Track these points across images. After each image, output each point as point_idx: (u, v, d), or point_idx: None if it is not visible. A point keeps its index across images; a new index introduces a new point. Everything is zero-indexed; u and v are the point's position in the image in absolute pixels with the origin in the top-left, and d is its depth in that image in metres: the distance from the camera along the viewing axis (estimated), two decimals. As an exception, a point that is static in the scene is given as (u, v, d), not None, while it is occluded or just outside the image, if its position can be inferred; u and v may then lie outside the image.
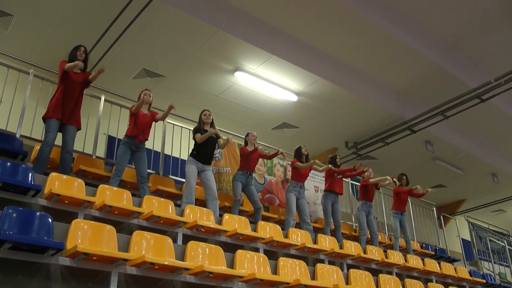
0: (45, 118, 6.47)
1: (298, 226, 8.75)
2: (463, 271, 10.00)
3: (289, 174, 9.86)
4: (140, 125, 7.01)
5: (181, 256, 5.21)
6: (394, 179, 10.23)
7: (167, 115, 7.44)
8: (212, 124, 7.74)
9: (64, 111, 6.47)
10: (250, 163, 8.43)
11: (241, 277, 5.07)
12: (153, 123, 7.36)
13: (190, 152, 7.63)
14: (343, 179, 9.82)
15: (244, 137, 8.82)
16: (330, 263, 7.42)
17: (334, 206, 9.30)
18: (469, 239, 14.83)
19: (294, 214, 8.54)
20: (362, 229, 9.48)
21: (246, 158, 8.42)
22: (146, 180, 6.93)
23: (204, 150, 7.52)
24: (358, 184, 10.46)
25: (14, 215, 4.23)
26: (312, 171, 9.96)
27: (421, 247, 11.44)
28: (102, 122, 8.30)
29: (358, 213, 9.70)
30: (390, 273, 8.34)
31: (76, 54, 6.71)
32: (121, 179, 7.07)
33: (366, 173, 9.95)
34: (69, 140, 6.49)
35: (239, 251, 5.74)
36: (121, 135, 8.22)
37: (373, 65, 10.93)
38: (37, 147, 6.94)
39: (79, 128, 6.70)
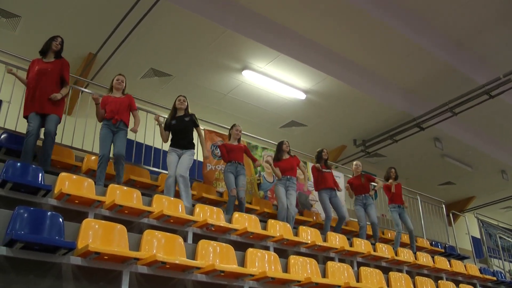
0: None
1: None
2: (473, 269, 9.95)
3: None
4: (113, 108, 6.82)
5: (192, 255, 5.20)
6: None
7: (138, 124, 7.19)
8: (187, 110, 7.53)
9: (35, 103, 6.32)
10: (236, 154, 8.07)
11: (253, 275, 5.06)
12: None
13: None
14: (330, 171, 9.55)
15: (255, 135, 8.70)
16: (340, 261, 7.39)
17: (332, 200, 9.05)
18: (478, 236, 14.74)
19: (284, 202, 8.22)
20: (360, 222, 9.30)
21: (229, 152, 8.06)
22: (122, 161, 6.74)
23: (177, 137, 7.34)
24: None
25: (25, 215, 4.23)
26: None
27: (431, 244, 11.39)
28: (110, 122, 8.29)
29: (355, 208, 9.53)
30: (400, 270, 8.30)
31: (51, 43, 6.58)
32: (129, 178, 7.12)
33: (354, 167, 9.81)
34: (49, 123, 6.30)
35: (250, 250, 5.73)
36: (129, 135, 8.23)
37: (381, 63, 10.91)
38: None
39: (60, 116, 6.47)
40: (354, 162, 9.88)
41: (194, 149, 7.43)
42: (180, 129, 7.37)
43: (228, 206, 7.68)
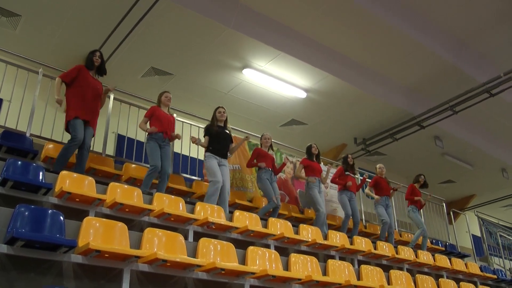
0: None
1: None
2: (473, 267, 9.96)
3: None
4: (164, 122, 7.13)
5: (193, 253, 5.21)
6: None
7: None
8: (225, 122, 7.77)
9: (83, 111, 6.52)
10: (268, 161, 8.47)
11: (253, 273, 5.06)
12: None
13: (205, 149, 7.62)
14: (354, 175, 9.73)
15: (255, 134, 8.86)
16: (341, 259, 7.40)
17: (351, 203, 9.28)
18: (479, 234, 14.75)
19: (323, 206, 8.62)
20: (383, 218, 9.50)
21: (264, 158, 8.47)
22: (167, 178, 6.99)
23: (219, 145, 7.56)
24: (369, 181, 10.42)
25: (26, 213, 4.24)
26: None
27: (431, 242, 11.40)
28: (111, 120, 8.30)
29: (376, 206, 9.66)
30: (400, 268, 8.30)
31: (93, 59, 6.73)
32: (130, 176, 7.20)
33: (378, 170, 9.96)
34: (88, 137, 6.52)
35: (251, 248, 5.74)
36: (130, 133, 8.25)
37: (382, 61, 10.89)
38: (47, 146, 6.98)
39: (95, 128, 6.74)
40: (378, 165, 10.06)
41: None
42: (223, 138, 7.64)
43: (265, 209, 8.15)
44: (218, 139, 7.57)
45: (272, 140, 9.97)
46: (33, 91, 7.45)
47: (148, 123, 7.11)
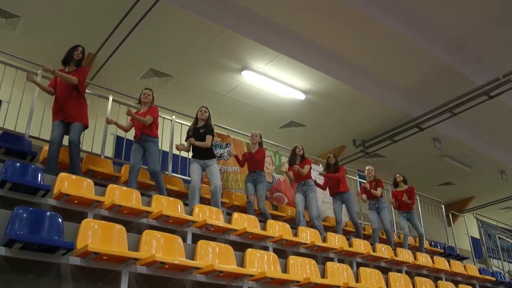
0: None
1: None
2: (472, 269, 9.95)
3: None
4: (135, 125, 7.19)
5: (191, 255, 5.20)
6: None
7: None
8: (208, 121, 7.55)
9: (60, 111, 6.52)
10: (250, 162, 8.40)
11: (252, 275, 5.06)
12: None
13: None
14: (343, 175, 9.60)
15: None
16: (340, 261, 7.39)
17: (346, 205, 9.27)
18: (478, 236, 14.75)
19: (300, 212, 8.45)
20: (373, 225, 9.49)
21: (246, 160, 8.50)
22: (157, 175, 6.90)
23: (195, 148, 7.42)
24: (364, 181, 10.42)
25: (24, 215, 4.23)
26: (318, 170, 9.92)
27: (430, 245, 11.39)
28: (110, 122, 8.29)
29: (368, 212, 9.69)
30: (399, 271, 8.29)
31: (73, 53, 6.71)
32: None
33: (366, 172, 9.94)
34: (72, 131, 6.43)
35: (249, 250, 5.73)
36: (128, 135, 8.23)
37: (381, 63, 10.90)
38: (46, 147, 6.96)
39: (84, 124, 6.63)
40: (367, 167, 10.00)
41: (215, 157, 7.66)
42: (200, 140, 7.38)
43: (247, 210, 8.00)
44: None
45: (271, 142, 10.01)
46: (32, 92, 7.44)
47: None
